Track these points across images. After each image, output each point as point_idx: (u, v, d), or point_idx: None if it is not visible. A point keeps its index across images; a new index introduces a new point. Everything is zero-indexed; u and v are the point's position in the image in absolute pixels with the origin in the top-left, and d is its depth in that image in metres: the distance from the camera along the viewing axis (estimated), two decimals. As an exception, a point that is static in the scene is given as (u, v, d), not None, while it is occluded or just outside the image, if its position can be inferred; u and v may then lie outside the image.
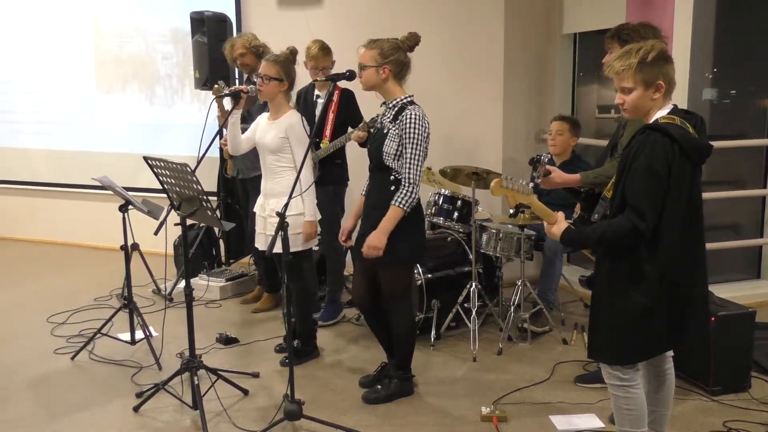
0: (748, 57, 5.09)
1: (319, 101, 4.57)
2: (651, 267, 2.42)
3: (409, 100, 3.37)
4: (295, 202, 3.50)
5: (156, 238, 3.45)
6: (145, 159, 3.37)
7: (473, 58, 5.44)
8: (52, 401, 3.63)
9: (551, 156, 4.40)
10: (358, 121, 4.25)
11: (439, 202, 4.60)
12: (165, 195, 3.45)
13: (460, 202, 4.59)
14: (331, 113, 4.50)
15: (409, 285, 3.52)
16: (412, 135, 3.26)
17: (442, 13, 5.43)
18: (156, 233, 3.41)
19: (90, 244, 6.98)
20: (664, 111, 2.47)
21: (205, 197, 3.19)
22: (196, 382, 3.37)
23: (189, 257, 3.53)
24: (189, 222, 3.45)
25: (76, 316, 4.87)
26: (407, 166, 3.29)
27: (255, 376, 3.86)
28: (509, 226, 4.46)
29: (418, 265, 4.25)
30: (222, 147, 5.13)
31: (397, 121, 3.31)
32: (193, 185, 3.18)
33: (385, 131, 3.36)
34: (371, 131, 3.70)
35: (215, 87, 4.79)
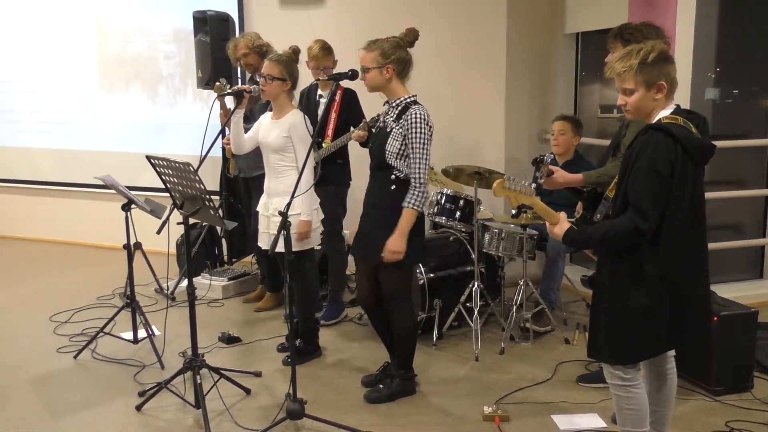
0: (751, 57, 5.08)
1: (322, 101, 4.57)
2: (652, 267, 2.42)
3: (412, 99, 3.37)
4: (298, 202, 3.50)
5: (158, 237, 3.45)
6: (148, 158, 3.37)
7: (475, 58, 5.44)
8: (54, 400, 3.63)
9: (554, 156, 4.40)
10: (359, 121, 4.25)
11: (442, 201, 4.60)
12: (168, 194, 3.46)
13: (462, 202, 4.58)
14: (334, 113, 4.50)
15: (409, 285, 3.53)
16: (418, 135, 3.27)
17: (444, 12, 5.43)
18: (159, 232, 3.42)
19: (93, 243, 6.99)
20: (666, 111, 2.46)
21: (207, 196, 3.19)
22: (199, 381, 3.38)
23: (191, 256, 3.53)
24: (191, 221, 3.46)
25: (79, 315, 4.88)
26: (415, 166, 3.29)
27: (257, 375, 3.87)
28: (511, 226, 4.46)
29: (421, 264, 4.25)
30: (224, 146, 5.13)
31: (401, 121, 3.31)
32: (196, 184, 3.18)
33: (388, 130, 3.36)
34: (372, 130, 3.70)
35: (217, 85, 4.79)
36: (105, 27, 6.68)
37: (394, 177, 3.35)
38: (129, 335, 4.31)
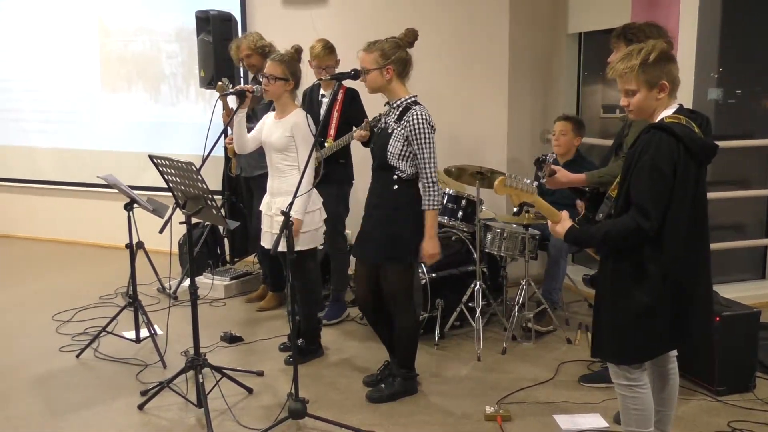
0: (754, 57, 5.08)
1: (324, 100, 4.57)
2: (654, 266, 2.41)
3: (413, 100, 3.37)
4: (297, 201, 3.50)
5: (161, 237, 3.45)
6: (151, 157, 3.38)
7: (478, 58, 5.44)
8: (56, 399, 3.64)
9: (556, 156, 4.40)
10: (362, 121, 4.25)
11: (444, 201, 4.59)
12: (170, 193, 3.46)
13: (464, 202, 4.59)
14: (336, 112, 4.50)
15: (411, 285, 3.53)
16: (422, 136, 3.27)
17: (446, 12, 5.43)
18: (161, 232, 3.43)
19: (95, 242, 7.00)
20: (669, 110, 2.46)
21: (210, 196, 3.19)
22: (201, 381, 3.38)
23: (194, 256, 3.53)
24: (194, 220, 3.46)
25: (81, 315, 4.89)
26: (424, 167, 3.31)
27: (259, 374, 3.87)
28: (514, 226, 4.46)
29: (422, 264, 4.25)
30: (226, 146, 5.14)
31: (402, 121, 3.31)
32: (198, 184, 3.18)
33: (390, 131, 3.36)
34: (374, 130, 3.70)
35: (219, 84, 4.79)
36: (107, 26, 6.69)
37: (396, 177, 3.35)
38: (131, 334, 4.31)
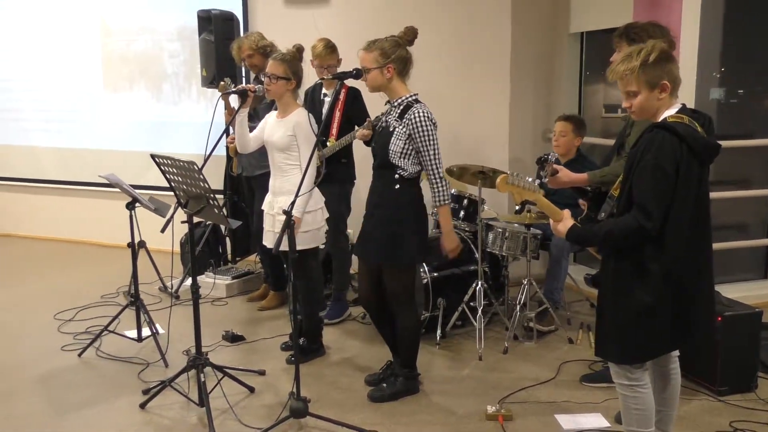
0: (756, 56, 5.07)
1: (326, 99, 4.57)
2: (656, 265, 2.41)
3: (414, 98, 3.37)
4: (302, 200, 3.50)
5: (163, 236, 3.45)
6: (153, 157, 3.38)
7: (479, 58, 5.44)
8: (59, 398, 3.64)
9: (557, 155, 4.39)
10: (364, 120, 4.25)
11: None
12: (172, 193, 3.46)
13: (466, 201, 4.59)
14: (338, 112, 4.50)
15: (413, 284, 3.53)
16: (425, 134, 3.28)
17: (448, 12, 5.43)
18: (163, 231, 3.42)
19: (97, 241, 7.01)
20: (672, 110, 2.46)
21: (211, 195, 3.20)
22: (203, 380, 3.38)
23: (195, 255, 3.54)
24: (195, 220, 3.46)
25: (83, 314, 4.89)
26: (429, 164, 3.33)
27: (261, 373, 3.87)
28: (515, 225, 4.46)
29: (424, 263, 4.25)
30: (228, 145, 5.14)
31: (404, 120, 3.31)
32: (200, 183, 3.18)
33: (391, 129, 3.36)
34: (376, 129, 3.70)
35: (221, 84, 4.79)
36: (109, 26, 6.69)
37: (398, 176, 3.35)
38: (133, 333, 4.32)
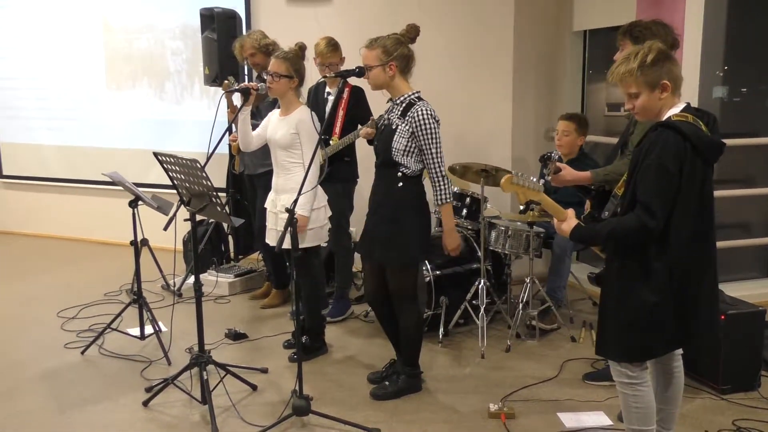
0: (760, 55, 5.06)
1: (330, 98, 4.57)
2: (660, 264, 2.41)
3: (416, 96, 3.37)
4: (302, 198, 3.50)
5: (165, 234, 3.46)
6: (155, 155, 3.38)
7: (482, 56, 5.43)
8: (62, 395, 3.65)
9: (561, 153, 4.38)
10: (367, 119, 4.25)
11: (448, 199, 4.58)
12: (175, 191, 3.47)
13: (469, 199, 4.58)
14: (341, 110, 4.50)
15: (416, 283, 3.53)
16: (428, 132, 3.28)
17: (451, 10, 5.42)
18: (165, 229, 3.43)
19: (100, 239, 7.02)
20: (676, 109, 2.45)
21: (214, 193, 3.20)
22: (205, 377, 3.39)
23: (198, 253, 3.54)
24: (198, 218, 3.46)
25: (86, 311, 4.90)
26: (431, 162, 3.32)
27: (264, 371, 3.88)
28: (518, 224, 4.45)
29: (427, 261, 4.25)
30: (230, 143, 5.14)
31: (406, 118, 3.31)
32: (203, 181, 3.19)
33: (394, 127, 3.36)
34: (379, 127, 3.70)
35: (225, 82, 4.79)
36: (112, 24, 6.69)
37: (401, 174, 3.35)
38: (136, 331, 4.32)
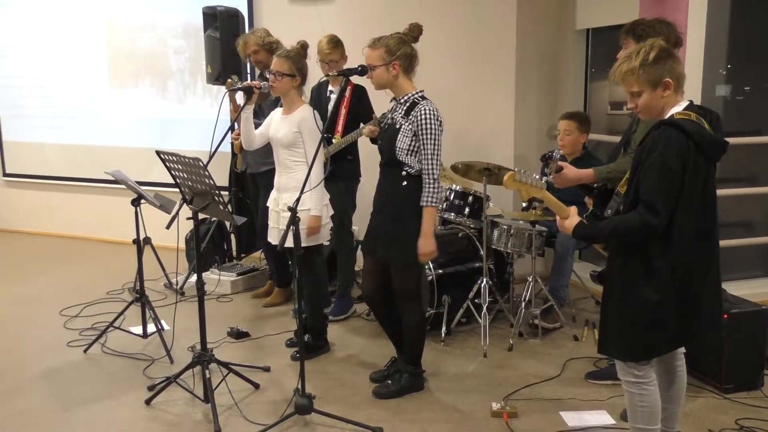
0: (763, 53, 5.05)
1: (332, 96, 4.57)
2: (662, 263, 2.41)
3: (420, 95, 3.36)
4: (307, 197, 3.50)
5: (168, 232, 3.46)
6: (158, 153, 3.38)
7: (485, 54, 5.43)
8: (64, 394, 3.65)
9: (562, 152, 4.37)
10: (369, 117, 4.25)
11: (451, 197, 4.59)
12: (177, 189, 3.47)
13: (471, 198, 4.58)
14: (343, 108, 4.50)
15: (419, 282, 3.53)
16: (429, 131, 3.26)
17: (453, 9, 5.41)
18: (168, 227, 3.43)
19: (102, 237, 7.02)
20: (679, 107, 2.45)
21: (217, 192, 3.20)
22: (208, 376, 3.39)
23: (201, 251, 3.54)
24: (201, 216, 3.47)
25: (89, 310, 4.90)
26: (427, 163, 3.29)
27: (266, 370, 3.88)
28: (521, 222, 4.45)
29: (429, 260, 4.24)
30: (233, 142, 5.14)
31: (410, 117, 3.31)
32: (205, 179, 3.19)
33: (397, 126, 3.36)
34: (382, 127, 3.70)
35: (228, 81, 4.79)
36: (115, 23, 6.70)
37: (405, 173, 3.34)
38: (138, 330, 4.33)
